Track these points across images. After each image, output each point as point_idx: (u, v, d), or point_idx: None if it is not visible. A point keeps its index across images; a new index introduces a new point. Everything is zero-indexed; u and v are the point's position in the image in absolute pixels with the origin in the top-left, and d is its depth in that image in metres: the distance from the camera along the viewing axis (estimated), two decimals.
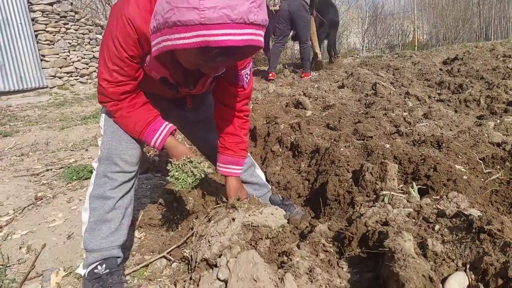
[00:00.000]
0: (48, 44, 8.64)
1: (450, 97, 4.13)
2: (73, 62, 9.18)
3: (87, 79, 9.55)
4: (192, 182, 1.45)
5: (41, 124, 5.40)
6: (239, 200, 1.67)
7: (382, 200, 1.63)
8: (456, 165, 1.98)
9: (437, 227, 1.37)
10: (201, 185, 2.23)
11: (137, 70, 1.43)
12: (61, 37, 8.90)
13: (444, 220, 1.38)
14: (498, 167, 2.05)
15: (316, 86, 5.62)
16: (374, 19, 17.49)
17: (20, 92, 8.24)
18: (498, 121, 2.94)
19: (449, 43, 14.86)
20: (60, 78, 8.91)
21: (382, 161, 1.84)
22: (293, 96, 4.73)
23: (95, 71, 9.70)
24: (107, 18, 10.35)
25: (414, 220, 1.45)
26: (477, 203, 1.65)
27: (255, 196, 1.97)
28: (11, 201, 2.54)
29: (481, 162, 2.08)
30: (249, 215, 1.52)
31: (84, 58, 9.46)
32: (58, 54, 8.84)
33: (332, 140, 2.69)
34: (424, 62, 7.04)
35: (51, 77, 8.73)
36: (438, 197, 1.59)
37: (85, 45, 9.51)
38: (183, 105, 1.77)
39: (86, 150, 3.83)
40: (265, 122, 3.61)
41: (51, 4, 8.64)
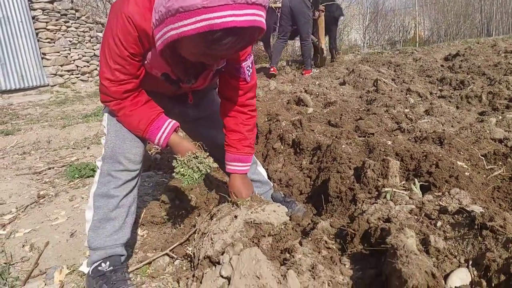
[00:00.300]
0: (49, 42, 8.65)
1: (452, 94, 4.12)
2: (74, 60, 9.19)
3: (88, 77, 9.55)
4: (198, 178, 1.46)
5: (43, 123, 5.41)
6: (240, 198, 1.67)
7: (384, 197, 1.63)
8: (458, 162, 1.98)
9: (439, 224, 1.37)
10: (203, 182, 2.23)
11: (139, 68, 1.43)
12: (62, 35, 8.91)
13: (446, 217, 1.38)
14: (500, 163, 2.05)
15: (317, 83, 5.62)
16: (375, 16, 17.44)
17: (22, 91, 8.25)
18: (500, 117, 2.93)
19: (451, 39, 14.81)
20: (61, 76, 8.92)
21: (384, 158, 1.84)
22: (294, 93, 4.73)
23: (96, 69, 9.70)
24: (108, 16, 10.40)
25: (416, 217, 1.45)
26: (479, 200, 1.65)
27: (257, 194, 1.98)
28: (14, 200, 2.55)
29: (483, 159, 2.08)
30: (251, 213, 1.52)
31: (85, 56, 9.46)
32: (59, 52, 8.84)
33: (334, 137, 2.69)
34: (426, 59, 7.02)
35: (52, 75, 8.74)
36: (440, 194, 1.59)
37: (86, 43, 9.51)
38: (185, 102, 1.77)
39: (88, 148, 3.84)
40: (267, 119, 3.61)
41: (52, 2, 8.63)
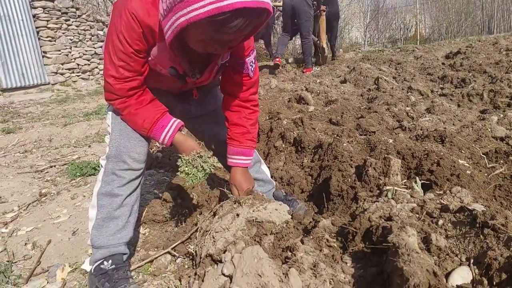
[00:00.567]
0: (50, 41, 8.65)
1: (453, 92, 4.11)
2: (75, 59, 9.20)
3: (89, 75, 9.55)
4: (202, 177, 1.47)
5: (44, 121, 5.42)
6: (241, 191, 1.68)
7: (386, 195, 1.63)
8: (460, 160, 1.98)
9: (441, 222, 1.38)
10: (205, 181, 2.23)
11: (143, 65, 1.43)
12: (63, 34, 8.91)
13: (448, 215, 1.38)
14: (502, 162, 2.05)
15: (318, 81, 5.61)
16: (376, 13, 17.41)
17: (23, 89, 8.26)
18: (502, 116, 2.93)
19: (452, 37, 14.78)
20: (62, 75, 8.93)
21: (385, 156, 1.84)
22: (295, 91, 4.73)
23: (97, 67, 9.70)
24: (108, 14, 10.30)
25: (418, 215, 1.46)
26: (481, 198, 1.65)
27: (260, 193, 1.99)
28: (16, 198, 2.56)
29: (484, 157, 2.08)
30: (253, 211, 1.52)
31: (86, 54, 9.46)
32: (60, 51, 8.85)
33: (335, 136, 2.69)
34: (427, 57, 7.01)
35: (53, 74, 8.75)
36: (442, 192, 1.59)
37: (87, 41, 9.51)
38: (188, 99, 1.78)
39: (89, 147, 3.84)
40: (268, 118, 3.61)
41: (52, 1, 8.64)
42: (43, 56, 8.65)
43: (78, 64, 9.28)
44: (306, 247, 1.43)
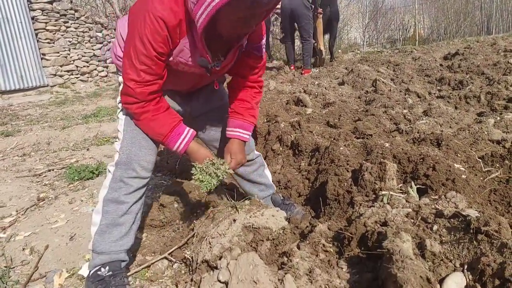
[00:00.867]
0: (49, 43, 8.66)
1: (451, 94, 4.12)
2: (74, 61, 9.20)
3: (88, 77, 9.56)
4: (216, 183, 1.52)
5: (43, 124, 5.42)
6: (234, 161, 1.70)
7: (381, 200, 1.64)
8: (455, 164, 1.99)
9: (436, 228, 1.38)
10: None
11: (164, 69, 1.45)
12: (61, 36, 8.91)
13: (442, 221, 1.39)
14: (498, 165, 2.06)
15: (317, 83, 5.62)
16: (375, 14, 17.41)
17: (21, 91, 8.26)
18: (498, 118, 2.94)
19: (451, 37, 14.80)
20: (61, 77, 8.93)
21: (381, 161, 1.84)
22: (294, 94, 4.73)
23: (96, 69, 9.71)
24: (107, 16, 10.22)
25: (413, 220, 1.46)
26: (476, 203, 1.66)
27: (260, 197, 2.01)
28: (14, 202, 2.57)
29: (480, 161, 2.09)
30: (250, 217, 1.53)
31: (85, 56, 9.47)
32: (59, 53, 8.85)
33: (332, 139, 2.70)
34: (425, 58, 7.02)
35: (52, 76, 8.75)
36: (437, 197, 1.60)
37: (86, 43, 9.51)
38: (195, 99, 1.82)
39: (88, 150, 3.85)
40: (266, 121, 3.61)
41: (51, 3, 8.64)
42: (42, 58, 8.65)
43: (77, 66, 9.28)
44: (302, 253, 1.44)
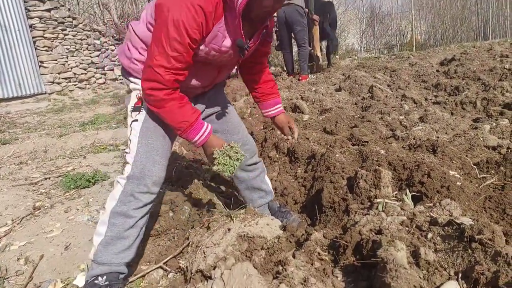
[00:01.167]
0: (46, 50, 8.67)
1: (447, 99, 4.13)
2: (72, 68, 9.21)
3: (86, 85, 9.57)
4: (238, 165, 1.58)
5: (40, 131, 5.42)
6: (291, 129, 1.97)
7: (376, 208, 1.64)
8: (450, 171, 1.99)
9: (430, 236, 1.38)
10: (197, 194, 2.24)
11: (191, 59, 1.46)
12: (59, 43, 8.94)
13: (437, 229, 1.39)
14: (493, 172, 2.06)
15: (314, 89, 5.63)
16: (372, 20, 17.52)
17: (19, 99, 8.26)
18: (494, 124, 2.94)
19: (447, 43, 14.88)
20: (59, 84, 8.94)
21: (376, 169, 1.84)
22: (291, 100, 4.74)
23: (94, 76, 9.72)
24: (105, 23, 10.21)
25: (408, 228, 1.46)
26: (471, 210, 1.66)
27: (258, 204, 2.01)
28: (10, 211, 2.56)
29: (475, 168, 2.09)
30: (245, 226, 1.53)
31: (83, 64, 9.48)
32: (57, 60, 8.87)
33: (328, 146, 2.70)
34: (421, 63, 7.05)
35: (50, 83, 8.76)
36: (432, 205, 1.60)
37: (83, 51, 9.54)
38: (204, 100, 1.83)
39: (84, 158, 3.84)
40: (262, 127, 3.62)
41: (49, 11, 8.67)
42: (40, 66, 8.66)
43: (75, 73, 9.29)
44: (297, 261, 1.44)
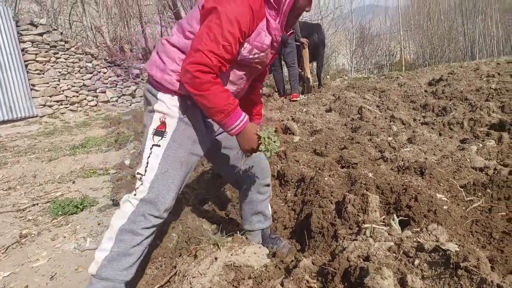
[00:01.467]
0: (38, 74, 8.67)
1: (435, 120, 4.19)
2: (63, 91, 9.20)
3: (77, 107, 9.55)
4: (278, 146, 1.63)
5: (30, 155, 5.37)
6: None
7: (364, 233, 1.63)
8: (438, 194, 2.00)
9: (417, 262, 1.38)
10: (186, 220, 2.22)
11: (236, 56, 1.54)
12: (51, 66, 8.95)
13: (424, 255, 1.38)
14: (480, 194, 2.08)
15: (305, 110, 5.69)
16: (362, 41, 17.83)
17: (10, 122, 8.21)
18: (481, 145, 2.99)
19: (436, 62, 15.16)
20: (50, 107, 8.91)
21: (364, 193, 1.85)
22: (282, 121, 4.78)
23: (85, 99, 9.72)
24: (98, 46, 10.25)
25: (395, 255, 1.46)
26: (458, 234, 1.66)
27: (256, 228, 1.99)
28: None
29: (462, 190, 2.11)
30: (231, 255, 1.52)
31: (74, 86, 9.48)
32: (48, 83, 8.86)
33: (317, 169, 2.71)
34: (410, 84, 7.16)
35: (41, 106, 8.73)
36: (419, 230, 1.60)
37: (75, 74, 9.55)
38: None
39: (73, 183, 3.80)
40: None
41: (41, 35, 8.71)
42: (31, 89, 8.64)
43: (67, 96, 9.28)
44: None
